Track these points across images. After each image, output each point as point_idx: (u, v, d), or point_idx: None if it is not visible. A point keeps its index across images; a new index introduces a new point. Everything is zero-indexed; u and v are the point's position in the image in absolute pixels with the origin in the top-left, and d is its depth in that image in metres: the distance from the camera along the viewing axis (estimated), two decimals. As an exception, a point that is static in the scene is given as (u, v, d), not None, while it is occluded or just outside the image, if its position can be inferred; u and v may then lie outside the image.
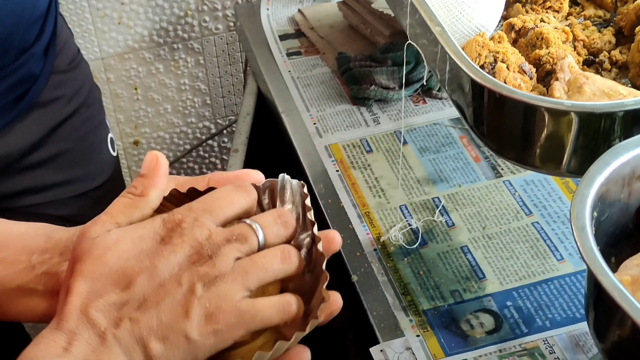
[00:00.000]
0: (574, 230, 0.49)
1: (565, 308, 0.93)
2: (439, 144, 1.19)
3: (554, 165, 0.66)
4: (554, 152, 0.65)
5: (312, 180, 1.13)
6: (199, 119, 1.75)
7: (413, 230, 1.05)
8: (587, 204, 0.49)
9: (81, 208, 1.26)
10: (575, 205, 0.49)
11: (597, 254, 0.45)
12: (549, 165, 0.67)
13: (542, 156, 0.66)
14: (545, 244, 1.01)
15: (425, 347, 0.90)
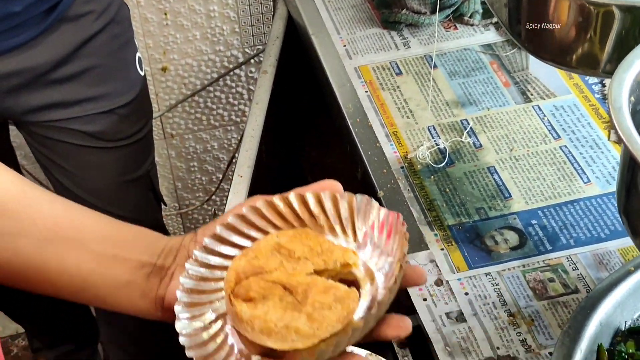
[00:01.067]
0: (610, 110, 0.49)
1: (590, 228, 0.94)
2: (469, 68, 1.18)
3: (591, 65, 0.66)
4: (592, 51, 0.64)
5: (341, 100, 1.14)
6: (227, 47, 1.75)
7: (440, 150, 1.05)
8: (625, 87, 0.49)
9: (108, 125, 1.28)
10: (613, 88, 0.49)
11: (633, 130, 0.45)
12: (587, 64, 0.66)
13: (580, 55, 0.65)
14: (572, 166, 1.01)
15: (449, 260, 0.91)
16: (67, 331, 1.77)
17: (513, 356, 0.81)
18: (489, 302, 0.86)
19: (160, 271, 0.63)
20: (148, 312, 0.63)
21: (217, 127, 1.90)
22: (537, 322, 0.84)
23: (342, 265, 0.59)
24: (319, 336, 0.55)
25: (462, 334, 0.83)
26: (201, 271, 0.61)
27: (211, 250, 0.62)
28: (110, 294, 0.63)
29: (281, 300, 0.57)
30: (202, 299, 0.60)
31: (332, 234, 0.63)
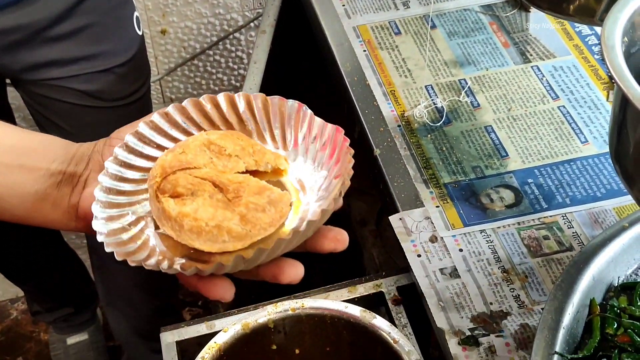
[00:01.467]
0: (603, 48, 0.49)
1: (586, 187, 0.93)
2: (468, 29, 1.17)
3: (588, 13, 0.65)
4: None
5: (339, 59, 1.13)
6: (227, 10, 1.73)
7: (438, 109, 1.04)
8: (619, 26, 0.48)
9: (105, 84, 1.27)
10: (606, 26, 0.49)
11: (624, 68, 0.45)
12: (583, 12, 0.65)
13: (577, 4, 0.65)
14: (570, 126, 1.01)
15: (444, 217, 0.91)
16: (66, 295, 1.78)
17: (506, 311, 0.81)
18: (483, 259, 0.86)
19: (71, 179, 0.60)
20: (61, 222, 0.60)
21: (217, 91, 1.89)
22: (531, 279, 0.84)
23: (273, 170, 0.57)
24: (251, 238, 0.52)
25: (456, 289, 0.84)
26: (121, 170, 0.58)
27: (132, 149, 0.59)
28: (19, 206, 0.59)
29: (211, 197, 0.53)
30: (121, 200, 0.57)
31: (260, 140, 0.60)
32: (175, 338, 0.89)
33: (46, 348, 1.94)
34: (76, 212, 0.60)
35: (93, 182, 0.59)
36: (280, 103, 0.60)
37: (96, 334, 1.88)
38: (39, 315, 1.82)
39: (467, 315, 0.81)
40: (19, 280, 1.72)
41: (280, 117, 0.60)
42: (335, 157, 0.57)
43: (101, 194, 0.56)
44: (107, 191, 0.57)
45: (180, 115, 0.60)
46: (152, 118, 0.59)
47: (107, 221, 0.56)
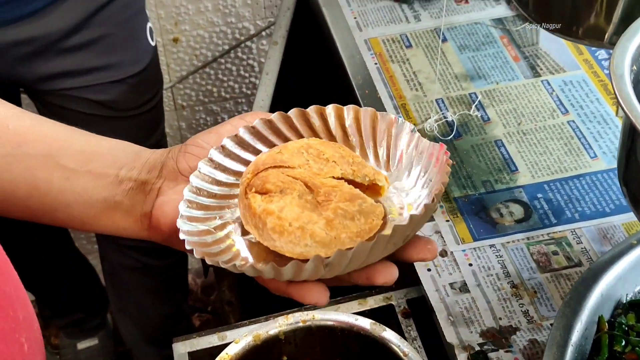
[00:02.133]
0: (612, 77, 0.49)
1: (595, 202, 0.94)
2: (479, 42, 1.18)
3: (597, 36, 0.66)
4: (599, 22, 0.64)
5: (350, 71, 1.14)
6: (239, 19, 1.75)
7: (448, 123, 1.05)
8: (628, 55, 0.49)
9: (119, 94, 1.29)
10: (615, 55, 0.50)
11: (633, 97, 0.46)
12: (593, 35, 0.66)
13: (586, 26, 0.66)
14: (579, 141, 1.02)
15: (454, 231, 0.92)
16: (77, 300, 1.79)
17: (515, 327, 0.82)
18: (492, 274, 0.87)
19: (143, 186, 0.57)
20: (132, 231, 0.58)
21: (228, 99, 1.90)
22: (540, 294, 0.85)
23: (370, 183, 0.53)
24: (335, 246, 0.49)
25: (465, 304, 0.84)
26: (214, 173, 0.55)
27: (229, 152, 0.56)
28: (86, 213, 0.57)
29: (300, 197, 0.50)
30: (211, 202, 0.54)
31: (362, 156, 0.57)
32: (187, 349, 0.90)
33: (56, 352, 1.95)
34: (149, 221, 0.57)
35: (167, 190, 0.57)
36: (390, 122, 0.57)
37: (106, 339, 1.90)
38: (49, 320, 1.84)
39: (476, 330, 0.82)
40: (31, 285, 1.74)
41: (387, 135, 0.57)
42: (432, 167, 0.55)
43: (190, 195, 0.54)
44: (197, 192, 0.54)
45: (283, 123, 0.57)
46: (255, 124, 0.57)
47: (191, 221, 0.53)
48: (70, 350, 1.87)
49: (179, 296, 1.66)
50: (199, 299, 2.07)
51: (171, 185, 0.57)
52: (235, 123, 0.57)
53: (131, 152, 0.59)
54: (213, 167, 0.55)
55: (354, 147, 0.57)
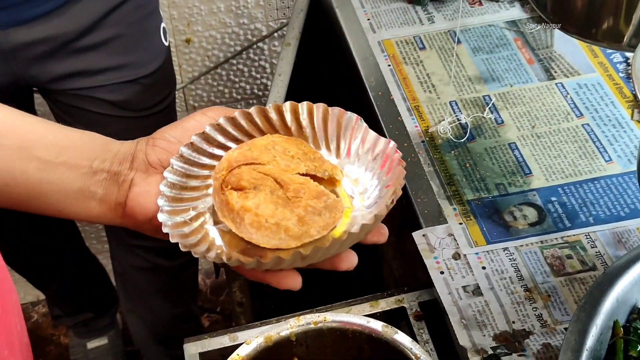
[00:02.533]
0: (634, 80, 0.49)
1: (610, 206, 0.93)
2: (493, 44, 1.18)
3: (615, 38, 0.66)
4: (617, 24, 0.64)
5: (363, 73, 1.14)
6: (251, 20, 1.75)
7: (462, 125, 1.05)
8: (649, 57, 0.49)
9: (132, 94, 1.29)
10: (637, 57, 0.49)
11: (655, 100, 0.45)
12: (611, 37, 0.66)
13: (605, 28, 0.65)
14: (594, 145, 1.01)
15: (467, 234, 0.91)
16: (87, 299, 1.80)
17: (528, 330, 0.81)
18: (505, 277, 0.87)
19: (116, 177, 0.61)
20: (106, 218, 0.62)
21: (239, 100, 1.90)
22: (554, 298, 0.84)
23: (329, 177, 0.60)
24: (305, 239, 0.56)
25: (478, 307, 0.84)
26: (185, 167, 0.61)
27: (197, 147, 0.61)
28: (62, 201, 0.61)
29: (272, 193, 0.57)
30: (184, 195, 0.60)
31: (315, 146, 0.64)
32: (198, 349, 0.89)
33: (66, 351, 1.96)
34: (123, 210, 0.61)
35: (140, 181, 0.61)
36: (340, 114, 0.63)
37: (115, 338, 1.90)
38: (59, 319, 1.84)
39: (489, 333, 0.81)
40: (41, 284, 1.74)
41: (337, 127, 0.63)
42: (386, 167, 0.61)
43: (166, 189, 0.59)
44: (171, 186, 0.60)
45: (244, 119, 0.63)
46: (219, 121, 0.62)
47: (170, 215, 0.58)
48: (79, 350, 1.87)
49: (189, 297, 1.66)
50: (208, 299, 2.07)
51: (143, 177, 0.61)
52: (198, 118, 0.62)
53: (100, 143, 0.63)
54: (183, 162, 0.61)
55: (308, 137, 0.63)
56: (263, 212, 0.56)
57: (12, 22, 1.15)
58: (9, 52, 1.17)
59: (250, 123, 0.63)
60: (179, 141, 0.62)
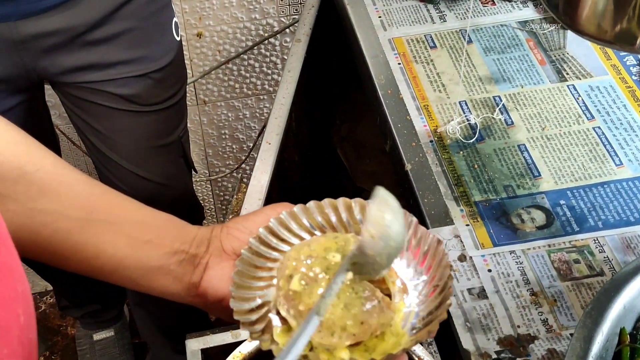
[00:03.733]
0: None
1: (619, 211, 0.92)
2: (505, 45, 1.17)
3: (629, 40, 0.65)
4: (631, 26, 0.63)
5: (373, 71, 1.13)
6: (263, 16, 1.74)
7: (471, 126, 1.04)
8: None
9: (142, 88, 1.28)
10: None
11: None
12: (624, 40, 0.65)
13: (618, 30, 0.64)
14: (604, 148, 1.00)
15: (474, 236, 0.91)
16: (95, 292, 1.80)
17: (533, 335, 0.80)
18: (511, 280, 0.86)
19: (193, 259, 0.66)
20: (179, 296, 0.67)
21: (250, 95, 1.90)
22: (560, 303, 0.83)
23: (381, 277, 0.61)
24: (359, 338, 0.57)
25: (483, 310, 0.83)
26: (253, 258, 0.64)
27: (263, 240, 0.65)
28: (143, 277, 0.65)
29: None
30: (252, 283, 0.63)
31: None
32: (200, 345, 0.89)
33: (73, 342, 1.96)
34: (196, 290, 0.66)
35: (214, 265, 0.66)
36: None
37: (122, 331, 1.90)
38: (67, 310, 1.84)
39: (493, 337, 0.80)
40: (49, 275, 1.74)
41: None
42: (434, 267, 0.62)
43: (236, 277, 0.63)
44: (241, 275, 0.63)
45: (304, 215, 0.66)
46: (281, 216, 0.66)
47: (238, 301, 0.62)
48: (86, 341, 1.87)
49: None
50: (215, 294, 2.07)
51: (217, 261, 0.66)
52: (269, 212, 0.67)
53: (180, 226, 0.68)
54: (252, 253, 0.65)
55: None
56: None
57: (22, 13, 1.15)
58: (19, 43, 1.17)
59: (310, 218, 0.66)
60: (251, 232, 0.66)
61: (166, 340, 1.71)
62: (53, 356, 2.00)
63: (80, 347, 1.89)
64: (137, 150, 1.34)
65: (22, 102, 1.28)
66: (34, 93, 1.32)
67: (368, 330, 0.57)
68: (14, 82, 1.22)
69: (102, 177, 1.40)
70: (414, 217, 0.64)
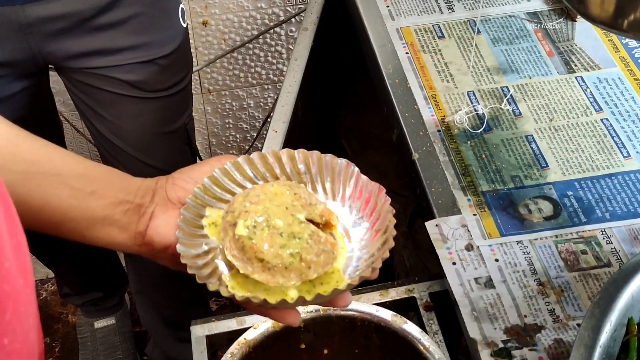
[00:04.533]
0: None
1: (627, 202, 0.92)
2: (513, 36, 1.16)
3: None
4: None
5: (380, 60, 1.12)
6: (269, 5, 1.73)
7: (479, 116, 1.03)
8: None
9: (148, 75, 1.28)
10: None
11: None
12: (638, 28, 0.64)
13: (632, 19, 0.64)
14: (612, 140, 1.00)
15: (481, 225, 0.90)
16: (97, 279, 1.80)
17: (540, 325, 0.80)
18: (519, 270, 0.86)
19: (138, 209, 0.67)
20: (126, 245, 0.68)
21: (255, 85, 1.89)
22: (567, 293, 0.83)
23: (325, 222, 0.64)
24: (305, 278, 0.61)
25: (490, 299, 0.83)
26: (198, 207, 0.67)
27: (208, 190, 0.67)
28: (88, 228, 0.67)
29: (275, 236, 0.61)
30: (197, 231, 0.66)
31: (312, 190, 0.69)
32: (205, 332, 0.89)
33: (73, 330, 1.96)
34: (142, 239, 0.67)
35: (160, 214, 0.67)
36: (332, 160, 0.68)
37: (123, 319, 1.90)
38: (68, 298, 1.84)
39: (500, 326, 0.80)
40: (51, 263, 1.74)
41: (331, 172, 0.68)
42: (376, 212, 0.65)
43: (182, 224, 0.65)
44: (187, 222, 0.66)
45: (248, 165, 0.69)
46: (225, 166, 0.69)
47: (186, 247, 0.64)
48: (87, 329, 1.87)
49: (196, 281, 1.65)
50: (217, 284, 2.07)
51: (163, 210, 0.67)
52: (214, 163, 0.69)
53: (124, 177, 0.69)
54: (196, 201, 0.67)
55: (306, 182, 0.69)
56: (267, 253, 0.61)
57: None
58: (26, 27, 1.17)
59: (253, 168, 0.69)
60: (196, 182, 0.68)
61: (167, 328, 1.71)
62: (54, 343, 2.00)
63: (81, 335, 1.89)
64: (142, 137, 1.34)
65: (27, 88, 1.28)
66: (39, 78, 1.31)
67: (314, 269, 0.61)
68: (19, 67, 1.22)
69: (106, 164, 1.39)
70: (356, 166, 0.67)
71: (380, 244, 0.63)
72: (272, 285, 0.61)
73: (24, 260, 0.45)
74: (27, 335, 0.43)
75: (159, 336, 1.74)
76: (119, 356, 1.86)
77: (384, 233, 0.63)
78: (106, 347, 1.86)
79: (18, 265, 0.43)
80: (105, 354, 1.86)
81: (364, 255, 0.64)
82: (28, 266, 0.46)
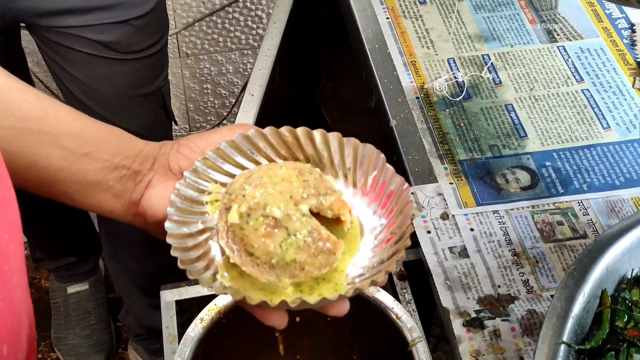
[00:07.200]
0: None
1: (605, 174, 0.91)
2: (496, 3, 1.14)
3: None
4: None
5: (360, 24, 1.10)
6: (249, -32, 1.70)
7: (458, 83, 1.02)
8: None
9: (121, 35, 1.25)
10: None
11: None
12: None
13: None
14: (592, 111, 0.98)
15: (457, 194, 0.89)
16: (70, 244, 1.77)
17: (514, 295, 0.79)
18: (494, 240, 0.84)
19: (135, 176, 0.62)
20: (118, 214, 0.63)
21: (234, 49, 1.86)
22: (542, 264, 0.82)
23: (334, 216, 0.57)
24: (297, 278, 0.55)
25: (464, 269, 0.82)
26: (198, 181, 0.60)
27: (212, 164, 0.60)
28: (79, 192, 0.62)
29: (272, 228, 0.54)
30: (194, 208, 0.59)
31: (332, 173, 0.61)
32: (175, 297, 0.88)
33: (46, 295, 1.94)
34: (136, 208, 0.62)
35: (157, 184, 0.61)
36: (356, 145, 0.61)
37: (97, 284, 1.88)
38: (40, 262, 1.82)
39: (473, 296, 0.79)
40: (23, 226, 1.71)
41: (354, 157, 0.61)
42: (396, 213, 0.58)
43: (177, 200, 0.59)
44: (183, 198, 0.59)
45: (261, 139, 0.61)
46: (234, 138, 0.61)
47: (177, 224, 0.58)
48: (60, 294, 1.85)
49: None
50: (193, 251, 2.05)
51: (161, 180, 0.62)
52: (226, 132, 0.62)
53: (125, 140, 0.63)
54: (196, 176, 0.60)
55: (325, 164, 0.61)
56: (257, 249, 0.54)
57: (-1, -49, 1.11)
58: (-5, -17, 1.13)
59: (266, 143, 0.61)
60: (202, 151, 0.62)
61: (141, 295, 1.69)
62: (26, 308, 1.98)
63: (54, 300, 1.87)
64: (116, 99, 1.31)
65: (-4, 45, 1.24)
66: (10, 36, 1.28)
67: (308, 271, 0.54)
68: (-11, 24, 1.19)
69: (79, 126, 1.36)
70: (383, 154, 0.60)
71: (391, 252, 0.56)
72: (262, 281, 0.55)
73: (9, 214, 0.43)
74: (10, 293, 0.40)
75: (132, 303, 1.72)
76: (92, 322, 1.84)
77: (398, 240, 0.56)
78: (79, 313, 1.84)
79: (2, 219, 0.41)
80: (78, 319, 1.84)
81: (374, 259, 0.57)
82: (15, 220, 0.43)
